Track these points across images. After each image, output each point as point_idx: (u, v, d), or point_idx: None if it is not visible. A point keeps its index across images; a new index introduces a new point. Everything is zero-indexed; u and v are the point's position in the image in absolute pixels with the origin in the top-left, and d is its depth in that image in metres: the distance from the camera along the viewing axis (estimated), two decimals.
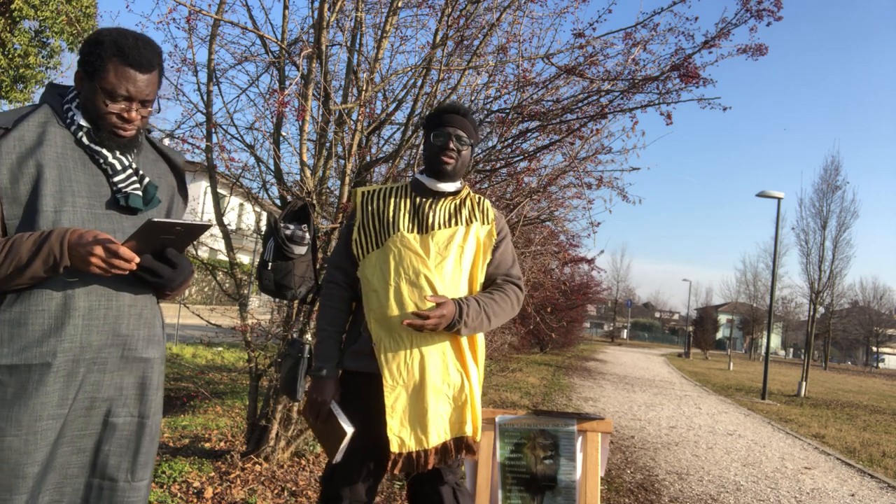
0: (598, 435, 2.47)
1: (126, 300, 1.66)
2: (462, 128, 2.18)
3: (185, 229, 1.62)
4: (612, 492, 4.96)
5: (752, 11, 4.31)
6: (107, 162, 1.67)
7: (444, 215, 2.18)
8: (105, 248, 1.50)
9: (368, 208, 2.20)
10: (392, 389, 2.03)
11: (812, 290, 20.08)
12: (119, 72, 1.59)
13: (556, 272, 11.42)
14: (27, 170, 1.56)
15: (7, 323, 1.53)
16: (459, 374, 2.09)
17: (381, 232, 2.15)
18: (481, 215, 2.24)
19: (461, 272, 2.14)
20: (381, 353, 2.04)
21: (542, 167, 5.77)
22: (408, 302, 2.04)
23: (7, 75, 12.18)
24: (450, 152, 2.15)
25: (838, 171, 20.56)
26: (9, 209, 1.55)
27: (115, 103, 1.62)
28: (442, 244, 2.13)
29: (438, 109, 2.25)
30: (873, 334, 55.98)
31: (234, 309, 4.69)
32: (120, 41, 1.60)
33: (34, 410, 1.52)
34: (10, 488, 1.50)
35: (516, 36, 4.72)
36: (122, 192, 1.67)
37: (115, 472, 1.67)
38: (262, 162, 4.60)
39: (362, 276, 2.14)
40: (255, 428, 4.25)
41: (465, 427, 2.08)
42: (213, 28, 4.34)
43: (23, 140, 1.58)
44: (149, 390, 1.73)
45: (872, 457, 7.89)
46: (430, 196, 2.21)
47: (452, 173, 2.19)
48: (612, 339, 57.03)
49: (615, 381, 15.76)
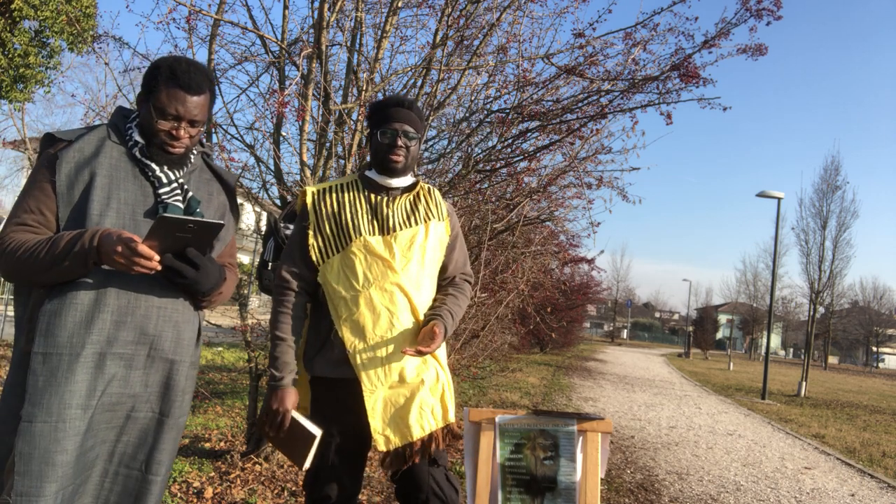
0: (598, 435, 2.47)
1: (155, 302, 1.76)
2: (409, 122, 2.12)
3: (200, 227, 1.68)
4: (612, 492, 4.96)
5: (752, 11, 4.31)
6: (154, 175, 1.81)
7: (402, 214, 2.16)
8: (126, 245, 1.59)
9: (322, 210, 2.13)
10: (371, 392, 2.03)
11: (812, 290, 20.09)
12: (170, 93, 1.76)
13: (556, 272, 11.42)
14: (82, 177, 1.72)
15: (47, 314, 1.65)
16: (434, 369, 2.12)
17: (340, 235, 2.10)
18: (437, 210, 2.22)
19: (424, 271, 2.15)
20: (357, 359, 2.04)
21: (542, 167, 5.77)
22: (379, 307, 2.05)
23: (7, 75, 12.18)
24: (398, 150, 2.11)
25: (838, 171, 20.58)
26: (63, 211, 1.71)
27: (165, 121, 1.77)
28: (405, 246, 2.12)
29: (382, 104, 2.17)
30: (873, 334, 55.99)
31: (234, 309, 4.70)
32: (174, 65, 1.77)
33: (63, 398, 1.60)
34: (40, 475, 1.55)
35: (516, 36, 4.73)
36: (163, 202, 1.80)
37: (131, 461, 1.75)
38: (262, 162, 4.61)
39: (324, 282, 2.10)
40: (255, 428, 4.25)
41: (449, 415, 2.11)
42: (213, 28, 4.34)
43: (82, 151, 1.75)
44: (172, 391, 1.79)
45: (872, 457, 7.89)
46: (384, 193, 2.17)
47: (403, 169, 2.16)
48: (612, 339, 57.04)
49: (615, 381, 15.76)
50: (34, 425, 1.57)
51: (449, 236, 2.25)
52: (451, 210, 2.32)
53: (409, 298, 2.09)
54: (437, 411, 2.10)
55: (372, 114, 2.20)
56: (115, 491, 1.74)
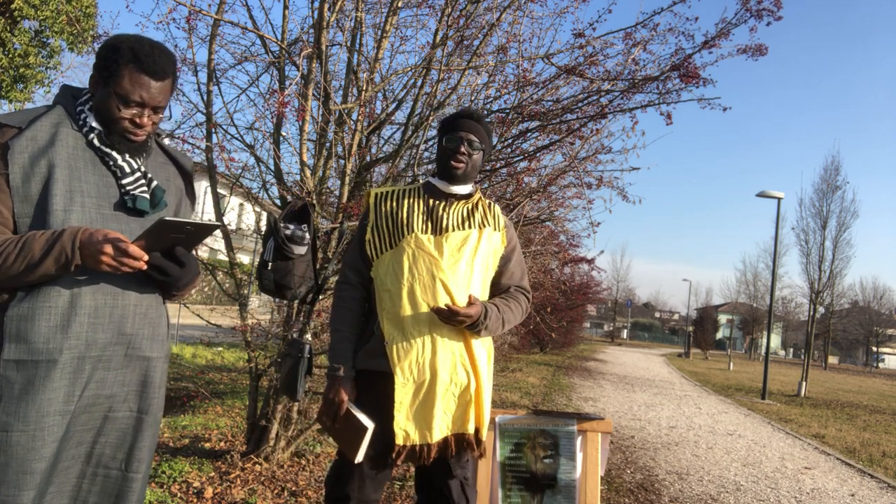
0: (598, 435, 2.47)
1: (132, 299, 1.69)
2: (474, 132, 2.22)
3: (196, 229, 1.66)
4: (612, 492, 4.96)
5: (752, 11, 4.31)
6: (116, 164, 1.70)
7: (457, 218, 2.23)
8: (115, 246, 1.53)
9: (382, 209, 2.23)
10: (402, 386, 2.05)
11: (812, 290, 20.09)
12: (133, 78, 1.63)
13: (556, 272, 11.42)
14: (39, 169, 1.59)
15: (16, 319, 1.55)
16: (467, 374, 2.13)
17: (395, 233, 2.18)
18: (493, 220, 2.29)
19: (472, 274, 2.18)
20: (393, 351, 2.07)
21: (542, 167, 5.76)
22: (420, 302, 2.08)
23: (7, 75, 12.18)
24: (461, 156, 2.20)
25: (838, 171, 20.59)
26: (20, 207, 1.58)
27: (127, 108, 1.65)
28: (455, 246, 2.17)
29: (454, 115, 2.28)
30: (873, 334, 55.98)
31: (234, 309, 4.70)
32: (136, 48, 1.64)
33: (41, 406, 1.54)
34: (17, 484, 1.52)
35: (516, 36, 4.72)
36: (130, 195, 1.71)
37: (110, 461, 1.70)
38: (262, 162, 4.61)
39: (375, 276, 2.17)
40: (255, 428, 4.25)
41: (468, 425, 2.12)
42: (213, 28, 4.34)
43: (35, 140, 1.61)
44: (150, 388, 1.75)
45: (872, 457, 7.89)
46: (442, 199, 2.25)
47: (463, 176, 2.24)
48: (612, 339, 57.03)
49: (615, 381, 15.76)
50: (11, 435, 1.51)
51: (505, 248, 2.31)
52: (510, 224, 2.38)
53: (452, 297, 2.10)
54: (459, 418, 2.12)
55: (442, 124, 2.31)
56: (93, 492, 1.69)
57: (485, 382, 2.17)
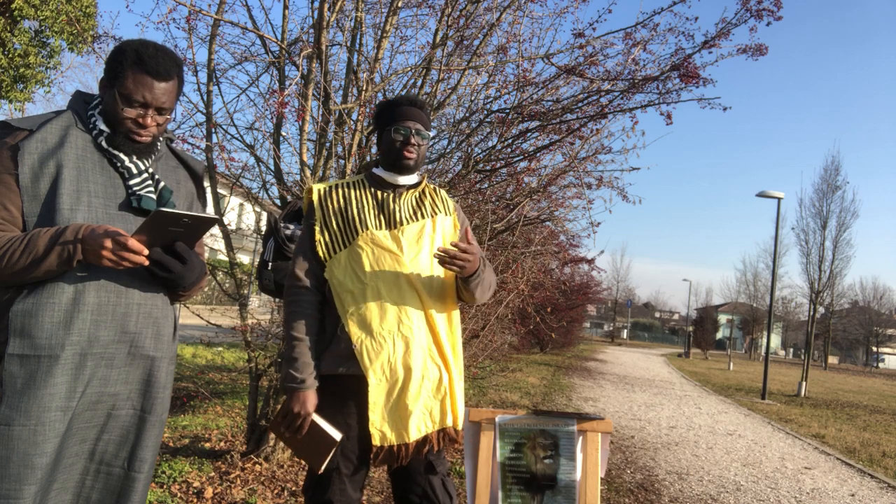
0: (598, 435, 2.47)
1: (135, 298, 1.70)
2: (420, 121, 2.17)
3: (194, 222, 1.65)
4: (612, 492, 4.96)
5: (752, 11, 4.31)
6: (123, 165, 1.73)
7: (409, 209, 2.18)
8: (114, 240, 1.55)
9: (328, 206, 2.15)
10: (376, 387, 2.02)
11: (812, 290, 20.07)
12: (137, 79, 1.68)
13: (556, 272, 11.41)
14: (47, 169, 1.63)
15: (20, 314, 1.58)
16: (438, 368, 2.10)
17: (347, 230, 2.11)
18: (443, 206, 2.25)
19: (434, 265, 2.14)
20: (364, 354, 2.01)
21: (542, 167, 5.77)
22: (386, 301, 2.04)
23: (7, 75, 12.18)
24: (411, 147, 2.15)
25: (838, 172, 20.58)
26: (28, 206, 1.62)
27: (131, 108, 1.69)
28: (413, 239, 2.13)
29: (394, 102, 2.20)
30: (873, 334, 55.99)
31: (234, 309, 4.70)
32: (140, 50, 1.69)
33: (42, 401, 1.55)
34: (19, 478, 1.53)
35: (516, 36, 4.73)
36: (136, 194, 1.73)
37: (113, 459, 1.71)
38: (262, 162, 4.61)
39: (331, 277, 2.09)
40: (255, 428, 4.25)
41: (447, 419, 2.10)
42: (213, 28, 4.34)
43: (45, 141, 1.65)
44: (153, 387, 1.76)
45: (872, 457, 7.89)
46: (390, 190, 2.20)
47: (413, 167, 2.19)
48: (612, 339, 57.02)
49: (615, 381, 15.76)
50: (12, 429, 1.53)
51: (457, 231, 2.27)
52: (458, 207, 2.35)
53: (418, 293, 2.07)
54: (437, 414, 2.09)
55: (382, 111, 2.22)
56: (96, 489, 1.70)
57: (455, 375, 2.14)
